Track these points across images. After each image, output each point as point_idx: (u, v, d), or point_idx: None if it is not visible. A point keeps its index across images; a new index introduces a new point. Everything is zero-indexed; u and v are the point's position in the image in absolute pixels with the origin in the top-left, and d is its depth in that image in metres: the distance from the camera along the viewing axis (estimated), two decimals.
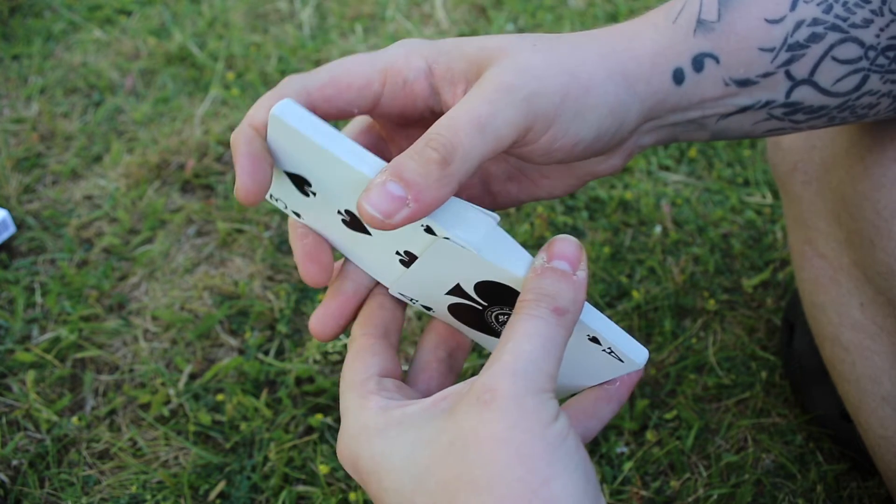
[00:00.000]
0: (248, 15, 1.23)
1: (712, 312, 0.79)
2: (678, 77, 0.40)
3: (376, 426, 0.34)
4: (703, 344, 0.77)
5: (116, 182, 0.94)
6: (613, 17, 1.22)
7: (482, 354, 0.76)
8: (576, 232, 0.88)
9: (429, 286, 0.40)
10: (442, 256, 0.37)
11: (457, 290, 0.40)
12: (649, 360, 0.75)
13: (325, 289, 0.82)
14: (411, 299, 0.43)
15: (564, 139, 0.38)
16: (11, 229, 0.87)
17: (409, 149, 0.34)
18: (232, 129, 1.02)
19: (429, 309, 0.43)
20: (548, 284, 0.35)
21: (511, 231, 0.87)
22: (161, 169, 0.96)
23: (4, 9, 1.21)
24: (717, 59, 0.40)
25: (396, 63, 0.38)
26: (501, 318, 0.41)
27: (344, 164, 0.35)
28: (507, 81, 0.36)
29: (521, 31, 1.20)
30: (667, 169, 0.96)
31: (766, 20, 0.40)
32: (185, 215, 0.90)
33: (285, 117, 0.35)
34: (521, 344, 0.33)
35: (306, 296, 0.82)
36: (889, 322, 0.53)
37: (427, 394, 0.41)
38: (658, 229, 0.87)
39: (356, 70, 0.38)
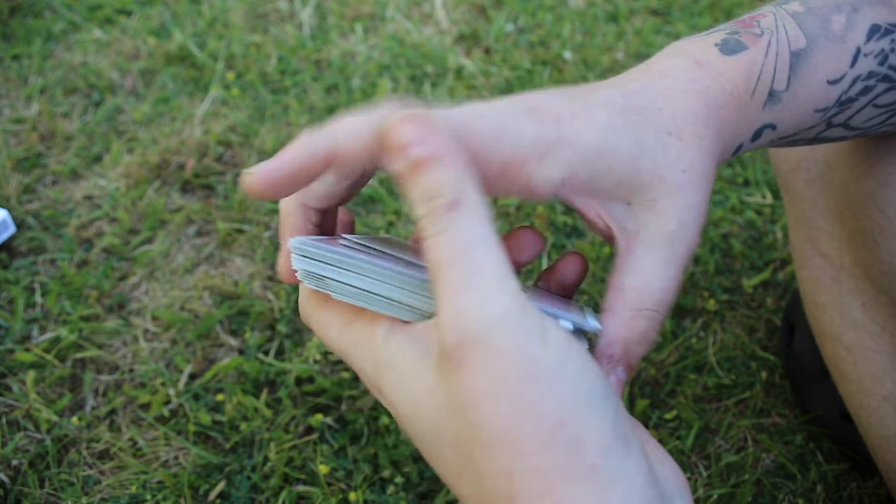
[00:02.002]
0: (248, 15, 1.23)
1: (712, 312, 0.79)
2: (737, 150, 0.39)
3: (384, 363, 0.31)
4: (703, 344, 0.77)
5: (116, 182, 0.94)
6: (613, 17, 1.22)
7: None
8: (576, 232, 0.88)
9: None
10: None
11: None
12: (649, 360, 0.75)
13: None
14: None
15: None
16: (11, 229, 0.87)
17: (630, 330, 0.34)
18: (232, 129, 1.02)
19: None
20: (422, 184, 0.28)
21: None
22: (161, 169, 0.96)
23: (4, 9, 1.21)
24: (774, 127, 0.39)
25: (528, 164, 0.33)
26: None
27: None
28: (682, 256, 0.35)
29: (520, 30, 1.20)
30: None
31: (828, 81, 0.39)
32: (185, 215, 0.90)
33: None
34: (446, 279, 0.28)
35: None
36: (891, 322, 0.53)
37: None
38: None
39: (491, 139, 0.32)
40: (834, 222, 0.56)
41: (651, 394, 0.73)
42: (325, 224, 0.38)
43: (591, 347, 0.36)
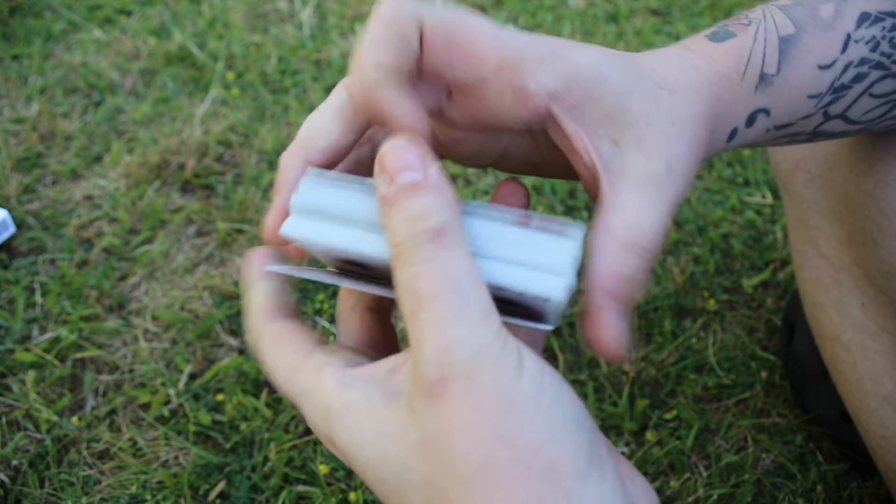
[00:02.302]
0: (248, 15, 1.23)
1: (712, 312, 0.79)
2: (732, 136, 0.38)
3: (338, 411, 0.30)
4: (703, 344, 0.77)
5: (116, 182, 0.94)
6: (613, 17, 1.22)
7: None
8: None
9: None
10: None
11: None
12: (649, 360, 0.75)
13: (325, 290, 0.82)
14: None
15: None
16: (11, 229, 0.87)
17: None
18: (232, 129, 1.02)
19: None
20: (407, 208, 0.28)
21: None
22: (161, 169, 0.96)
23: (4, 9, 1.21)
24: (768, 113, 0.39)
25: (525, 63, 0.32)
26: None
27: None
28: (671, 199, 0.33)
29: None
30: None
31: (819, 66, 0.39)
32: (185, 215, 0.90)
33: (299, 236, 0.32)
34: (432, 311, 0.27)
35: (306, 296, 0.81)
36: (890, 322, 0.53)
37: (357, 343, 0.36)
38: None
39: (480, 38, 0.32)
40: (833, 222, 0.56)
41: (651, 394, 0.73)
42: None
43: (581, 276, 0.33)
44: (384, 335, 0.37)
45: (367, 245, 0.32)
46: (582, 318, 0.33)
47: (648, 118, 0.34)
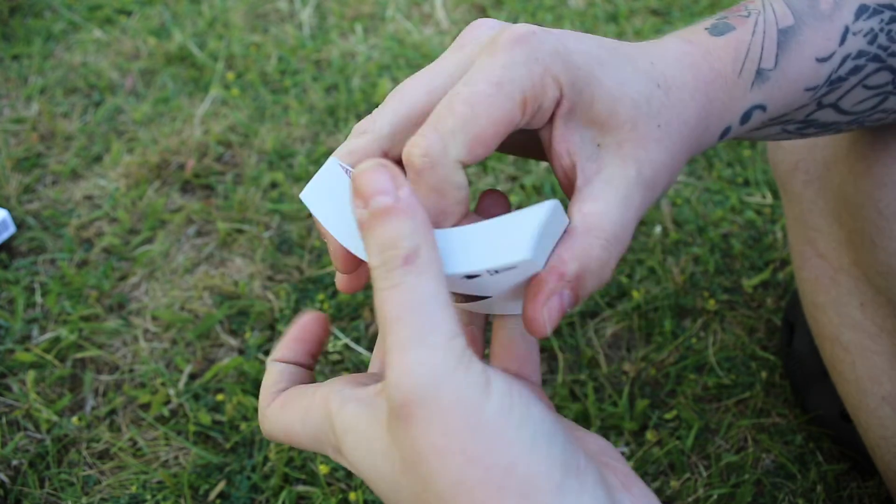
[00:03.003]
0: (248, 15, 1.23)
1: (712, 312, 0.79)
2: (724, 133, 0.38)
3: (341, 429, 0.31)
4: (703, 344, 0.77)
5: (116, 182, 0.94)
6: (613, 17, 1.22)
7: None
8: None
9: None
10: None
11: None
12: (649, 359, 0.75)
13: (326, 289, 0.82)
14: None
15: None
16: (11, 229, 0.87)
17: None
18: (232, 129, 1.02)
19: None
20: (380, 234, 0.29)
21: None
22: (161, 169, 0.96)
23: (4, 9, 1.21)
24: (764, 109, 0.39)
25: (535, 89, 0.32)
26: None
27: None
28: (637, 202, 0.34)
29: None
30: None
31: (817, 59, 0.39)
32: (185, 215, 0.90)
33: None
34: (396, 335, 0.28)
35: (306, 296, 0.82)
36: (889, 322, 0.53)
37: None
38: (658, 229, 0.87)
39: (496, 110, 0.31)
40: (832, 223, 0.56)
41: (651, 394, 0.73)
42: None
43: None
44: None
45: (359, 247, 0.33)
46: (526, 289, 0.32)
47: (634, 122, 0.34)
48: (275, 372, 0.37)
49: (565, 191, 0.36)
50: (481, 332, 0.39)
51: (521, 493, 0.27)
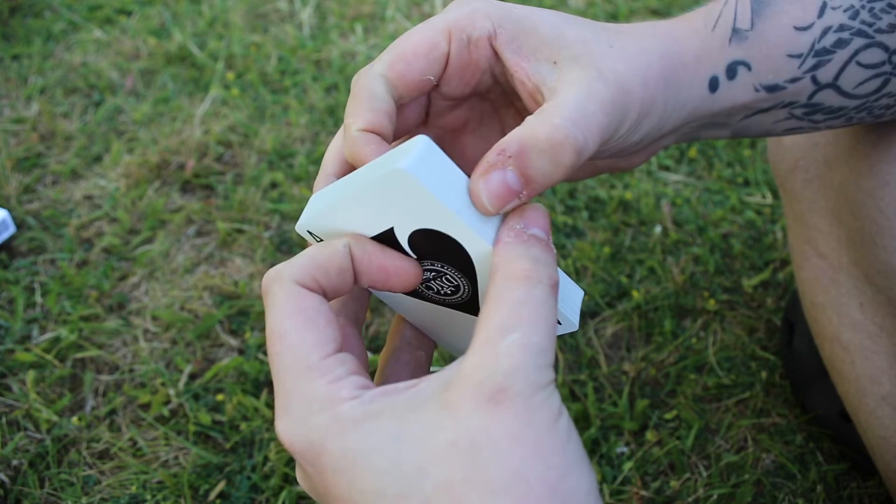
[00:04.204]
0: (248, 15, 1.23)
1: (712, 312, 0.79)
2: (713, 85, 0.40)
3: (352, 418, 0.30)
4: (703, 344, 0.77)
5: (116, 182, 0.94)
6: (613, 17, 1.22)
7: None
8: (576, 232, 0.88)
9: (353, 224, 0.35)
10: (387, 192, 0.32)
11: (387, 236, 0.35)
12: (649, 359, 0.75)
13: None
14: (319, 240, 0.37)
15: (616, 144, 0.38)
16: (11, 229, 0.87)
17: (526, 138, 0.33)
18: (232, 129, 1.02)
19: None
20: (538, 254, 0.32)
21: None
22: (161, 169, 0.96)
23: (4, 9, 1.21)
24: (748, 67, 0.40)
25: (460, 21, 0.37)
26: (428, 274, 0.36)
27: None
28: (601, 95, 0.35)
29: None
30: (667, 169, 0.96)
31: (795, 27, 0.41)
32: (185, 215, 0.90)
33: (420, 177, 0.31)
34: (529, 336, 0.30)
35: None
36: (889, 322, 0.53)
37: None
38: (658, 229, 0.87)
39: (419, 36, 0.37)
40: (832, 222, 0.56)
41: (651, 394, 0.73)
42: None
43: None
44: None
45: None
46: (475, 168, 0.34)
47: (584, 41, 0.37)
48: (321, 320, 0.33)
49: (534, 104, 0.39)
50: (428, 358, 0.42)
51: (564, 501, 0.29)
